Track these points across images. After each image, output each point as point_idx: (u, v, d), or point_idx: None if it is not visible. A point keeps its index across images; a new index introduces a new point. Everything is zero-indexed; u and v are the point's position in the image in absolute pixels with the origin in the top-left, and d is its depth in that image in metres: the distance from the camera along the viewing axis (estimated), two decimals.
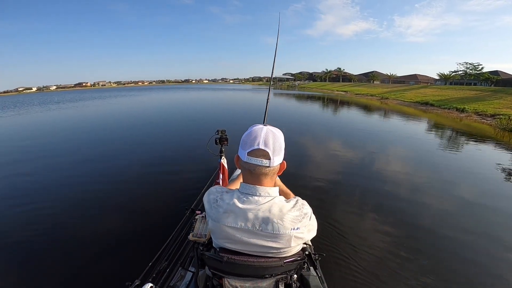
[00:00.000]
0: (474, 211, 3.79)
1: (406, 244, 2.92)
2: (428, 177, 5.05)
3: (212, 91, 47.18)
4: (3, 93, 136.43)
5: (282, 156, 0.90)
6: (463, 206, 3.93)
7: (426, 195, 4.27)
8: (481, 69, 35.41)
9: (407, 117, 14.35)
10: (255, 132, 0.88)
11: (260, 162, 0.85)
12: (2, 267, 2.76)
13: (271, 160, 0.86)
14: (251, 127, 0.92)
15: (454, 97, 21.06)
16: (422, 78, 55.28)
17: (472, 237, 3.13)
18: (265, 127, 0.90)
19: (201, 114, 15.76)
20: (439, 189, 4.49)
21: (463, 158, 6.46)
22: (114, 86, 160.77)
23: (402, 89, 32.30)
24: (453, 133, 9.84)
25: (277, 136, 0.89)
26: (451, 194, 4.30)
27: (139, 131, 10.49)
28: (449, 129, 10.61)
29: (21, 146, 8.43)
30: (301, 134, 9.07)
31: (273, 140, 0.87)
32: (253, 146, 0.85)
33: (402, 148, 7.38)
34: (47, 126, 13.28)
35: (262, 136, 0.86)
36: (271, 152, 0.85)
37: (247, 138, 0.88)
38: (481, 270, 2.58)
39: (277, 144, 0.87)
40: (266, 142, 0.85)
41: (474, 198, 4.17)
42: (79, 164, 6.27)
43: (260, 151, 0.85)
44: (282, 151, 0.90)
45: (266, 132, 0.88)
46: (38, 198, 4.42)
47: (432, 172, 5.31)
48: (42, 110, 22.30)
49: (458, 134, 9.54)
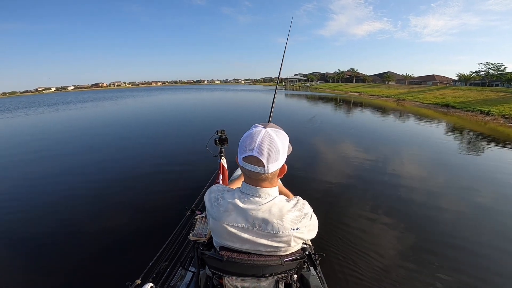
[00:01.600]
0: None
1: (406, 248, 2.90)
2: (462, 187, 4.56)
3: (224, 92, 47.58)
4: (23, 93, 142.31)
5: (281, 162, 0.85)
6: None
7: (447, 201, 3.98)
8: (503, 70, 33.44)
9: (427, 119, 13.57)
10: (251, 137, 0.83)
11: (254, 169, 0.82)
12: (4, 265, 2.81)
13: (266, 167, 0.81)
14: (251, 128, 0.88)
15: (476, 98, 19.95)
16: (440, 78, 53.24)
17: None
18: (263, 130, 0.84)
19: (204, 114, 15.70)
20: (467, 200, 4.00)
21: (490, 164, 5.85)
22: (129, 87, 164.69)
23: (419, 90, 31.04)
24: (478, 137, 9.09)
25: (275, 141, 0.82)
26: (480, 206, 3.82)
27: (139, 131, 10.48)
28: (474, 133, 9.84)
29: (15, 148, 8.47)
30: (314, 135, 8.78)
31: (269, 146, 0.81)
32: (247, 152, 0.82)
33: (426, 153, 6.81)
34: (50, 126, 13.51)
35: (258, 142, 0.81)
36: (265, 159, 0.81)
37: (243, 142, 0.85)
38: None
39: (274, 150, 0.81)
40: (261, 149, 0.80)
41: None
42: (79, 164, 6.25)
43: (254, 158, 0.81)
44: (281, 156, 0.84)
45: (263, 136, 0.82)
46: (36, 198, 4.41)
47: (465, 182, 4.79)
48: (49, 111, 22.93)
49: (484, 139, 8.79)
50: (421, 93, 27.95)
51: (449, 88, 28.90)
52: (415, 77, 55.64)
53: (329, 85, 64.85)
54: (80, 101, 33.88)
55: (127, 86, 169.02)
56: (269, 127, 0.87)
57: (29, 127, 14.00)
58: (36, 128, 13.51)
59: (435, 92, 27.00)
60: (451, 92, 25.29)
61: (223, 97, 34.21)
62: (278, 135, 0.85)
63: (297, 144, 7.64)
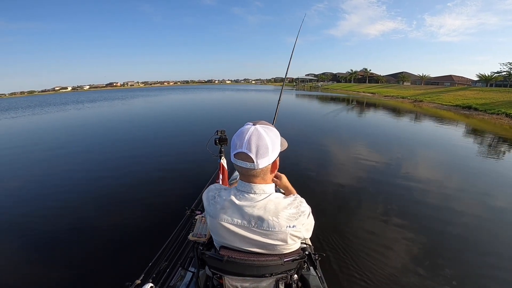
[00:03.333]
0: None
1: (408, 251, 2.87)
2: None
3: (235, 92, 47.38)
4: (41, 92, 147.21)
5: (271, 157, 0.86)
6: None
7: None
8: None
9: (451, 122, 12.74)
10: (241, 134, 0.86)
11: (244, 165, 0.84)
12: (4, 263, 2.81)
13: (255, 163, 0.83)
14: (242, 127, 0.89)
15: (499, 100, 18.71)
16: (458, 79, 50.95)
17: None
18: (252, 127, 0.86)
19: (205, 115, 15.48)
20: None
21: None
22: (142, 86, 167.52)
23: (437, 91, 29.68)
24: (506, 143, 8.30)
25: (263, 137, 0.84)
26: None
27: (138, 132, 10.43)
28: (501, 138, 9.03)
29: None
30: (330, 136, 8.26)
31: (257, 142, 0.83)
32: (237, 149, 0.84)
33: (454, 163, 6.18)
34: (49, 126, 13.54)
35: (246, 139, 0.83)
36: (254, 155, 0.83)
37: (234, 139, 0.87)
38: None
39: (262, 146, 0.83)
40: (249, 145, 0.83)
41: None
42: (78, 163, 6.26)
43: (243, 154, 0.84)
44: (271, 152, 0.85)
45: (251, 134, 0.84)
46: (35, 198, 4.40)
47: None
48: (56, 110, 23.37)
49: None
50: (439, 94, 26.70)
51: (469, 89, 27.45)
52: (432, 78, 53.42)
53: (341, 85, 63.42)
54: (89, 101, 34.37)
55: (140, 86, 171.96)
56: (259, 124, 0.88)
57: (32, 126, 14.10)
58: (39, 128, 13.54)
59: (454, 93, 25.69)
60: (471, 93, 23.94)
61: (232, 97, 33.93)
62: (267, 131, 0.85)
63: (313, 145, 7.54)
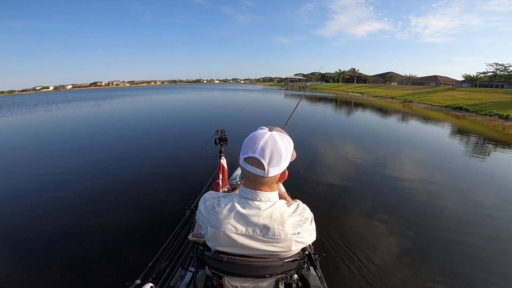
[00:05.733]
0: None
1: (404, 247, 2.89)
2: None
3: (224, 92, 46.44)
4: (22, 91, 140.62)
5: (282, 167, 0.83)
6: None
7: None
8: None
9: (447, 125, 12.32)
10: (256, 138, 0.81)
11: (254, 171, 0.81)
12: (4, 265, 2.73)
13: (266, 170, 0.79)
14: (256, 130, 0.86)
15: (488, 101, 18.66)
16: (443, 79, 51.97)
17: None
18: (268, 133, 0.82)
19: (205, 114, 14.84)
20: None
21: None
22: (128, 86, 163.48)
23: (425, 91, 29.72)
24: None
25: (279, 145, 0.80)
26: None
27: (138, 131, 10.28)
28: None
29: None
30: (328, 143, 7.54)
31: (272, 150, 0.79)
32: (249, 153, 0.80)
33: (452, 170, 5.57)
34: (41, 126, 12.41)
35: (261, 144, 0.79)
36: (266, 163, 0.79)
37: (247, 142, 0.83)
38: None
39: (276, 154, 0.79)
40: (263, 152, 0.79)
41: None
42: (78, 163, 6.20)
43: (255, 160, 0.80)
44: (283, 161, 0.82)
45: (267, 139, 0.80)
46: (34, 198, 4.34)
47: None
48: (24, 112, 21.57)
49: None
50: (427, 94, 26.70)
51: (456, 90, 27.63)
52: (418, 78, 54.29)
53: (329, 85, 63.45)
54: (65, 101, 32.51)
55: (126, 85, 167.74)
56: (275, 130, 0.84)
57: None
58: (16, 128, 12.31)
59: (442, 93, 25.69)
60: (459, 93, 23.97)
61: (217, 97, 32.90)
62: (283, 139, 0.82)
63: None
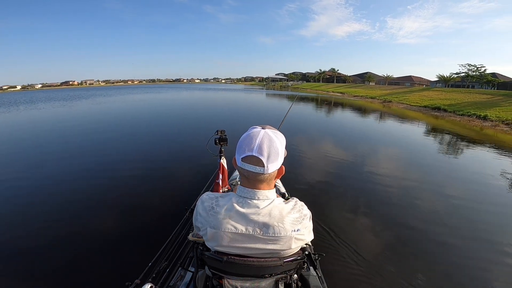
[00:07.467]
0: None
1: (401, 245, 2.94)
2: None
3: (204, 91, 45.17)
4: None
5: (279, 162, 0.85)
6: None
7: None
8: (484, 71, 33.55)
9: (426, 125, 12.25)
10: (251, 137, 0.83)
11: (253, 169, 0.81)
12: (4, 268, 2.67)
13: (265, 167, 0.81)
14: (249, 130, 0.87)
15: (464, 101, 19.18)
16: (417, 79, 53.96)
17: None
18: (262, 131, 0.84)
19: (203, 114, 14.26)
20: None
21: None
22: (103, 85, 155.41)
23: (402, 91, 30.37)
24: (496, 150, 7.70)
25: (274, 142, 0.82)
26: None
27: (138, 131, 10.17)
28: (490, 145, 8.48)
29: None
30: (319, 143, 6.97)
31: (269, 146, 0.81)
32: (247, 152, 0.81)
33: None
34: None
35: (257, 142, 0.81)
36: (265, 159, 0.80)
37: (242, 142, 0.84)
38: (472, 273, 2.57)
39: (273, 150, 0.81)
40: (261, 149, 0.80)
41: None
42: (77, 163, 6.11)
43: (254, 158, 0.81)
44: (280, 157, 0.84)
45: (262, 137, 0.82)
46: (33, 197, 4.27)
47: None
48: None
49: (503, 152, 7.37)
50: (404, 94, 27.27)
51: (432, 90, 28.47)
52: (394, 78, 56.00)
53: (310, 85, 63.96)
54: (29, 101, 29.64)
55: (101, 85, 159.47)
56: (267, 128, 0.86)
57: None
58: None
59: (419, 93, 26.34)
60: (435, 93, 24.65)
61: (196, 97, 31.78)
62: (276, 135, 0.84)
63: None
